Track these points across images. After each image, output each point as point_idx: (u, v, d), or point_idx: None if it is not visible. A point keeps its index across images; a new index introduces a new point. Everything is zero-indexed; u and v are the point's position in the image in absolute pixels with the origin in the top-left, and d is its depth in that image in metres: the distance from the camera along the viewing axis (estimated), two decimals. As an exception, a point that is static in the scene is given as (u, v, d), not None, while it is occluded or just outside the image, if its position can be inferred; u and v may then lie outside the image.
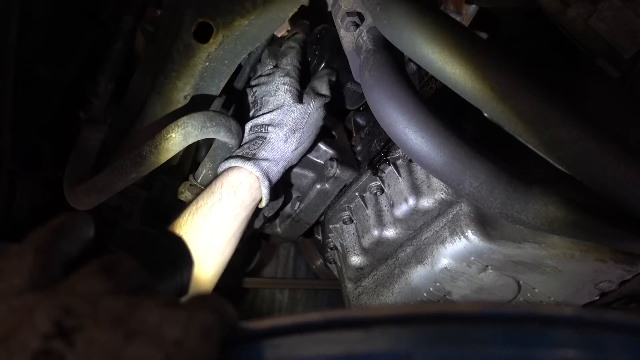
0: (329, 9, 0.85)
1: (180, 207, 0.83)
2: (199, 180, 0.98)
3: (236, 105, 1.07)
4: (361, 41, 0.72)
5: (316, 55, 1.00)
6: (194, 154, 1.13)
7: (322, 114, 0.93)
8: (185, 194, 1.00)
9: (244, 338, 0.29)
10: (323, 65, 0.99)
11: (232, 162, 0.86)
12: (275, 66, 0.96)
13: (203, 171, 0.97)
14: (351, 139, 1.11)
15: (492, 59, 0.55)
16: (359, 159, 1.05)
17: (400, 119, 0.59)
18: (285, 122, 0.89)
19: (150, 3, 1.00)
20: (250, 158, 0.86)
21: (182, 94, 0.92)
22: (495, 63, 0.55)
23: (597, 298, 0.83)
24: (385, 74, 0.62)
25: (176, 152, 0.83)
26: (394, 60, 0.64)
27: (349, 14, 0.76)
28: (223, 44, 0.88)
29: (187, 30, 0.86)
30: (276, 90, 0.91)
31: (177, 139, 0.82)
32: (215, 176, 0.88)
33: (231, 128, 0.88)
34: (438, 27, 0.57)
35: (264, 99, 0.92)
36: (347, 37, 0.77)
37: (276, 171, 0.88)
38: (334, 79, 0.99)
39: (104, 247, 0.40)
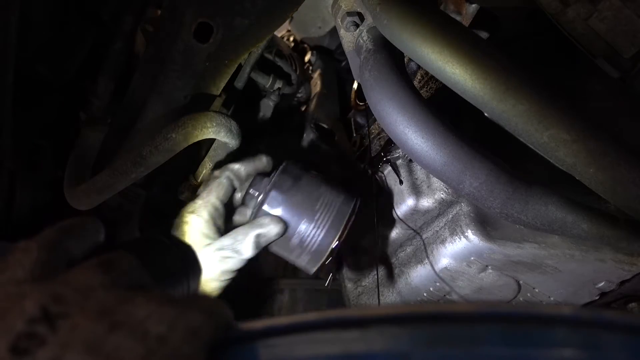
0: (329, 9, 0.85)
1: (180, 207, 0.83)
2: (199, 180, 0.98)
3: (236, 105, 1.07)
4: (361, 41, 0.72)
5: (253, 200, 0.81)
6: (193, 154, 1.13)
7: None
8: (185, 194, 1.00)
9: (239, 338, 0.29)
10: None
11: None
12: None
13: (203, 171, 0.97)
14: (351, 139, 1.11)
15: (492, 59, 0.55)
16: (359, 159, 1.05)
17: (400, 119, 0.59)
18: None
19: (150, 3, 1.01)
20: None
21: (182, 94, 0.91)
22: (495, 63, 0.55)
23: (597, 298, 0.83)
24: (385, 74, 0.62)
25: (176, 152, 0.83)
26: (394, 60, 0.64)
27: (349, 14, 0.76)
28: (223, 44, 0.88)
29: (187, 30, 0.86)
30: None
31: (178, 139, 0.82)
32: None
33: (231, 128, 0.88)
34: (438, 27, 0.57)
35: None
36: (347, 37, 0.77)
37: None
38: (263, 241, 0.76)
39: (111, 250, 0.40)
